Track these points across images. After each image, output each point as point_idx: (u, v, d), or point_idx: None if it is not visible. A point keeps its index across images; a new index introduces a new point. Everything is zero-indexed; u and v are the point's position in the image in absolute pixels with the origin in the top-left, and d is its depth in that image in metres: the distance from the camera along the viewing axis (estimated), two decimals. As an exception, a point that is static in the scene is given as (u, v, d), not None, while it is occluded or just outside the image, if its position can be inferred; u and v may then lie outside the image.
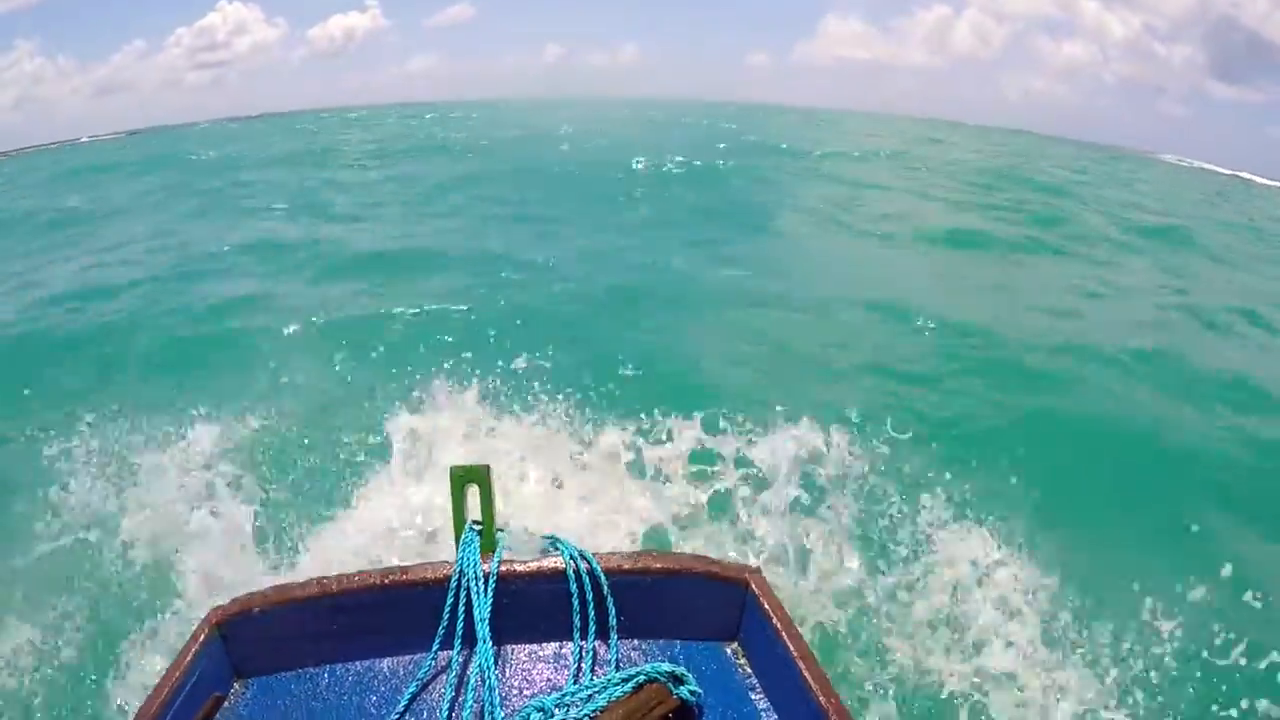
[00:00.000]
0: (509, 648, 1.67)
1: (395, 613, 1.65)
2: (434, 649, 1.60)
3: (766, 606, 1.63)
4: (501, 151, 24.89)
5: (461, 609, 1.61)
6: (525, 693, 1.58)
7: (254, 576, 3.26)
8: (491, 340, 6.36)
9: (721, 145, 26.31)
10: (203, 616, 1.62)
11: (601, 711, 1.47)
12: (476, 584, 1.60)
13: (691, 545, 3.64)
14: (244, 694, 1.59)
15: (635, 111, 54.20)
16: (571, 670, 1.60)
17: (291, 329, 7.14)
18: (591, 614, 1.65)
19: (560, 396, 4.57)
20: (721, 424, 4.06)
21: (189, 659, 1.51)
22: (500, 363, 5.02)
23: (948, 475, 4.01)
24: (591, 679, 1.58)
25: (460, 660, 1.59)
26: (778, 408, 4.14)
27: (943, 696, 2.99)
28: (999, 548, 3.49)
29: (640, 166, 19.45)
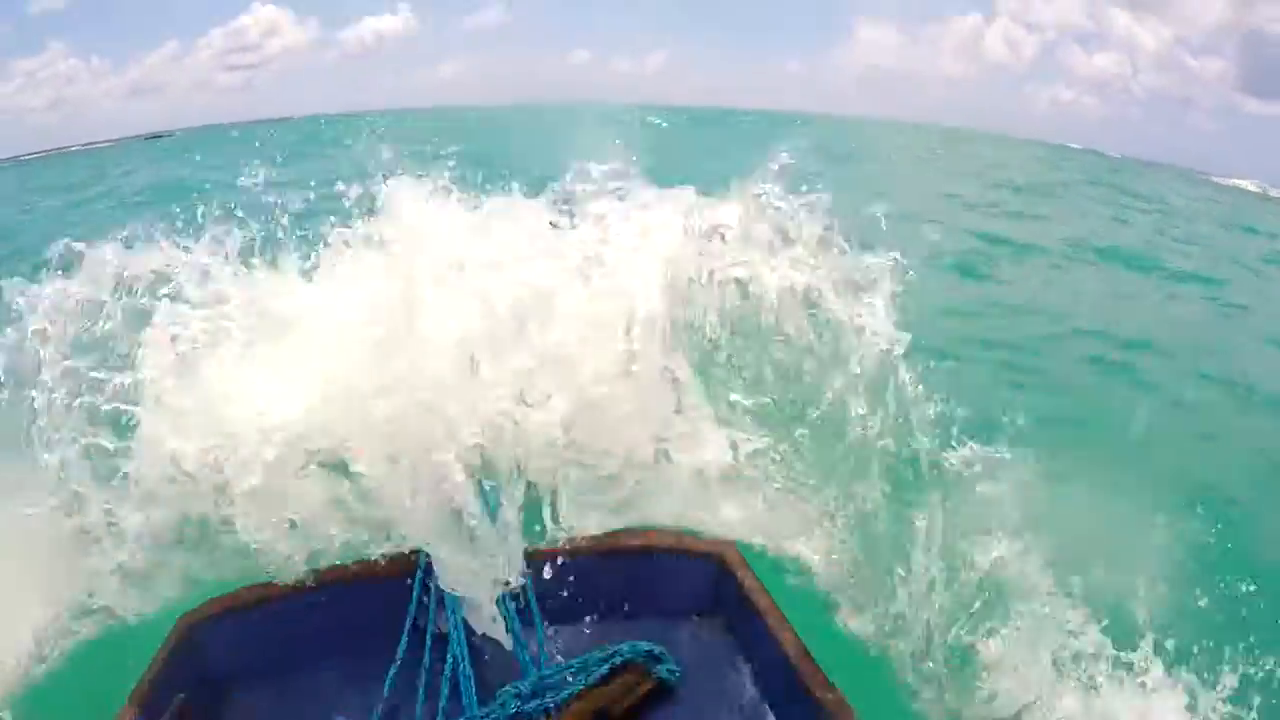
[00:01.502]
0: (483, 634, 1.62)
1: (366, 606, 1.61)
2: (406, 640, 1.55)
3: (741, 579, 1.64)
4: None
5: (433, 598, 1.57)
6: (502, 679, 1.53)
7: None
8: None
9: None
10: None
11: (578, 698, 1.49)
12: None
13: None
14: (215, 699, 1.54)
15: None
16: (549, 653, 1.60)
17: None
18: (566, 595, 1.64)
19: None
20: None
21: (159, 666, 1.48)
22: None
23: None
24: (569, 661, 1.57)
25: (434, 650, 1.54)
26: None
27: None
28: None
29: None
